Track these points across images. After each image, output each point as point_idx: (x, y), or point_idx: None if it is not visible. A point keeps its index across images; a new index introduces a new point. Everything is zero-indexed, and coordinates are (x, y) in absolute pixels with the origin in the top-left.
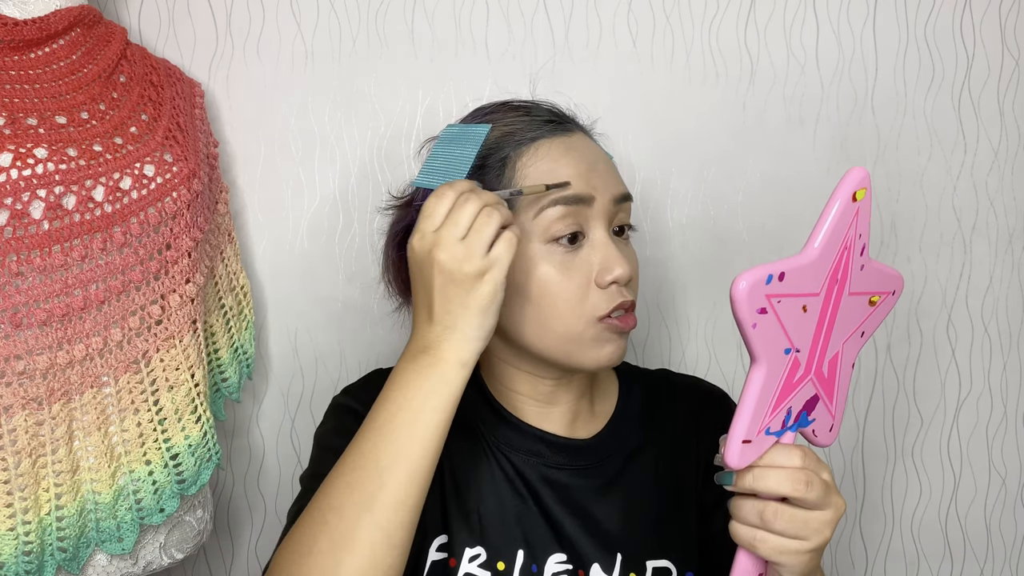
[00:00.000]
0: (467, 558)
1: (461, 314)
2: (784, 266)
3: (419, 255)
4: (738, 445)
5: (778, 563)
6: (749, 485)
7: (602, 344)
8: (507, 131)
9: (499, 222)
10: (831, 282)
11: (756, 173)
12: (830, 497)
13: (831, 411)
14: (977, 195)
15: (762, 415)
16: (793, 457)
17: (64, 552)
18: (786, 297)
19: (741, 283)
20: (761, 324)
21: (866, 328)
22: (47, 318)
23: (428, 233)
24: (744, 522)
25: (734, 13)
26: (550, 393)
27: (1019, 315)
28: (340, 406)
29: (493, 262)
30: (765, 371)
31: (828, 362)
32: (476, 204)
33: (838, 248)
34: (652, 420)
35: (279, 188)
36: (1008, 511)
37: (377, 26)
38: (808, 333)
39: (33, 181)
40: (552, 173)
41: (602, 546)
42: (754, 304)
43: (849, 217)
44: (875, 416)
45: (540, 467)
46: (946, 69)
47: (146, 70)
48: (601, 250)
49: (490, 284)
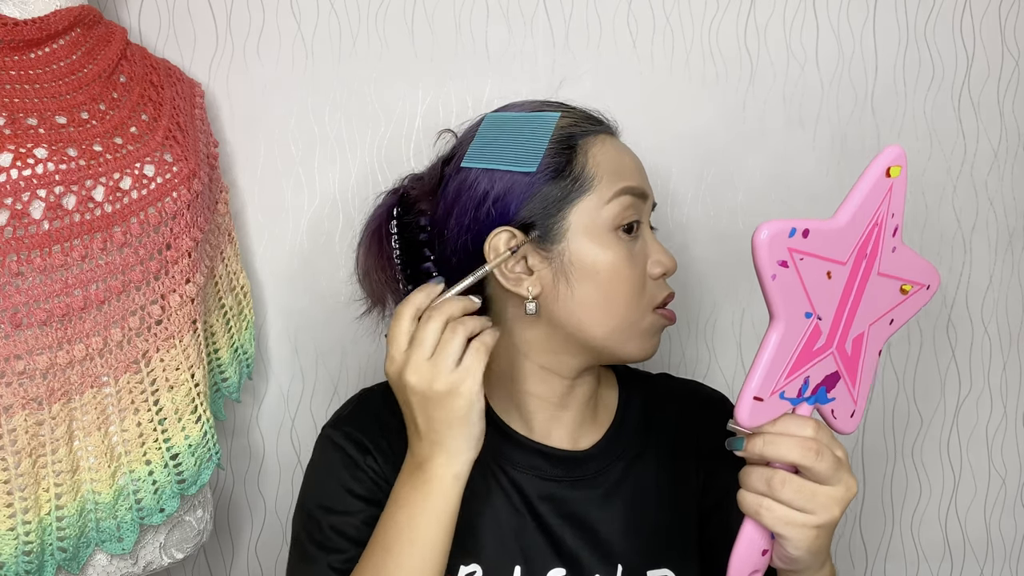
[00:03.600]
0: (463, 575)
1: (445, 431)
2: (810, 224)
3: (393, 379)
4: (749, 401)
5: (783, 536)
6: (759, 450)
7: (652, 335)
8: (571, 120)
9: (464, 335)
10: (859, 255)
11: (756, 173)
12: (841, 474)
13: (853, 395)
14: (977, 195)
15: (776, 375)
16: (806, 427)
17: (64, 552)
18: (809, 256)
19: (763, 231)
20: (781, 277)
21: (896, 317)
22: (47, 318)
23: (397, 357)
24: (752, 489)
25: (734, 13)
26: (564, 394)
27: (1019, 315)
28: (329, 444)
29: (464, 375)
30: (783, 329)
31: (852, 340)
32: (439, 320)
33: (868, 221)
34: (652, 426)
35: (279, 188)
36: (1008, 511)
37: (377, 26)
38: (832, 302)
39: (33, 181)
40: (619, 165)
41: (603, 557)
42: (775, 255)
43: (881, 192)
44: (875, 416)
45: (538, 481)
46: (946, 69)
47: (146, 70)
48: (651, 244)
49: (464, 397)
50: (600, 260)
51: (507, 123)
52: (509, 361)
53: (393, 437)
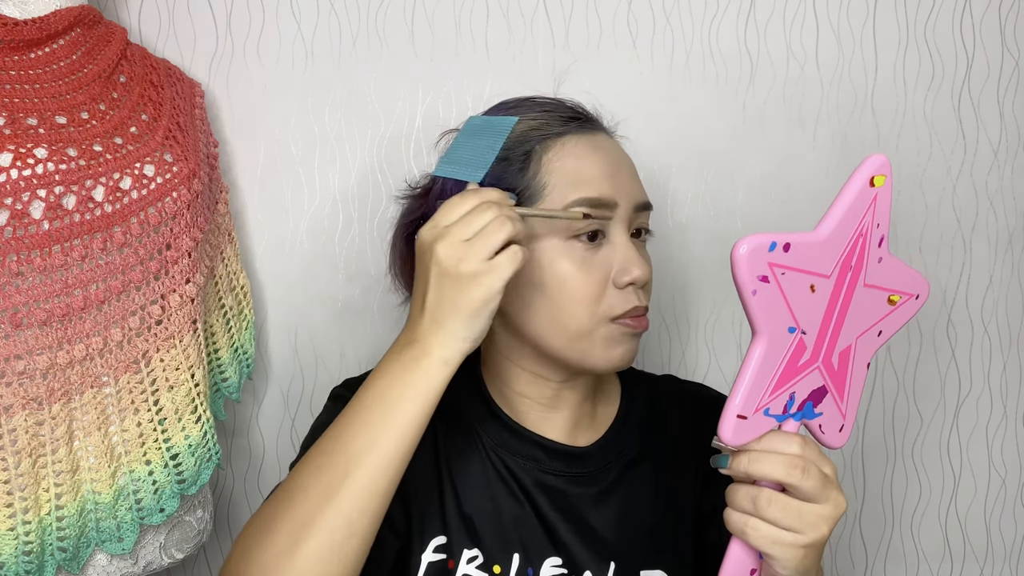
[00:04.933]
0: (465, 559)
1: (451, 312)
2: (790, 237)
3: (424, 244)
4: (733, 419)
5: (770, 555)
6: (744, 468)
7: (613, 345)
8: (533, 125)
9: (510, 234)
10: (844, 267)
11: (756, 173)
12: (829, 491)
13: (841, 409)
14: (977, 195)
15: (760, 392)
16: (792, 444)
17: (64, 552)
18: (791, 270)
19: (742, 246)
20: (762, 293)
21: (884, 328)
22: (47, 318)
23: (440, 226)
24: (738, 508)
25: (734, 13)
26: (553, 396)
27: (1019, 315)
28: (337, 397)
29: (492, 268)
30: (765, 345)
31: (839, 354)
32: (494, 213)
33: (852, 232)
34: (653, 428)
35: (279, 188)
36: (1008, 511)
37: (377, 26)
38: (817, 316)
39: (33, 181)
40: (578, 171)
41: (596, 554)
42: (755, 270)
43: (865, 202)
44: (875, 416)
45: (535, 472)
46: (946, 69)
47: (146, 70)
48: (621, 251)
49: (484, 289)
50: (547, 270)
51: (475, 129)
52: (499, 363)
53: None
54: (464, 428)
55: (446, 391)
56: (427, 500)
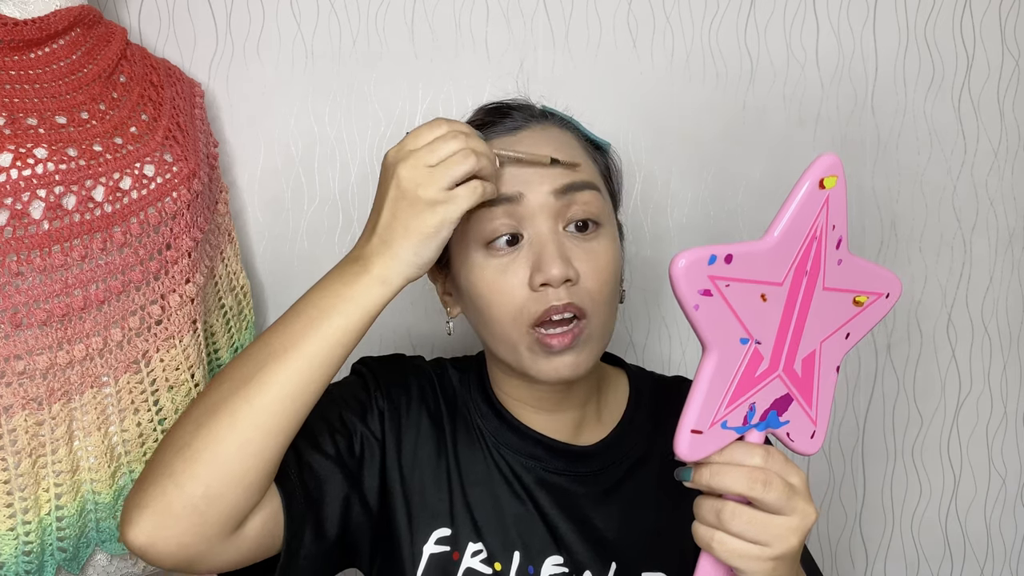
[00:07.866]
0: (470, 552)
1: (401, 234)
2: (732, 249)
3: (387, 164)
4: (687, 434)
5: (739, 569)
6: (705, 481)
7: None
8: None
9: (473, 167)
10: (798, 273)
11: (756, 173)
12: (795, 502)
13: (810, 416)
14: (977, 195)
15: (714, 406)
16: (754, 455)
17: (64, 552)
18: (736, 282)
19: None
20: (705, 307)
21: (852, 330)
22: (47, 318)
23: (405, 148)
24: (703, 522)
25: (734, 13)
26: (549, 400)
27: (1019, 315)
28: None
29: (450, 199)
30: (716, 358)
31: (802, 360)
32: (460, 143)
33: (804, 237)
34: (659, 429)
35: (279, 188)
36: (1008, 511)
37: (377, 26)
38: (771, 325)
39: (33, 181)
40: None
41: (597, 554)
42: (694, 284)
43: (816, 205)
44: (875, 416)
45: (538, 470)
46: (946, 69)
47: (146, 70)
48: (540, 249)
49: (437, 217)
50: (472, 283)
51: None
52: (495, 370)
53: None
54: (469, 425)
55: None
56: (434, 491)
